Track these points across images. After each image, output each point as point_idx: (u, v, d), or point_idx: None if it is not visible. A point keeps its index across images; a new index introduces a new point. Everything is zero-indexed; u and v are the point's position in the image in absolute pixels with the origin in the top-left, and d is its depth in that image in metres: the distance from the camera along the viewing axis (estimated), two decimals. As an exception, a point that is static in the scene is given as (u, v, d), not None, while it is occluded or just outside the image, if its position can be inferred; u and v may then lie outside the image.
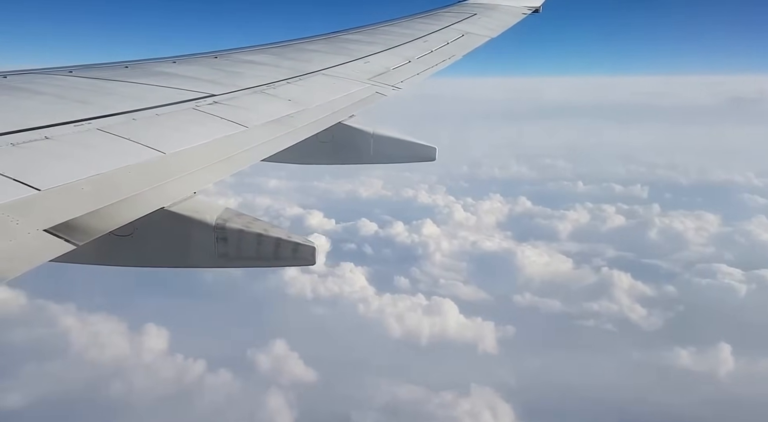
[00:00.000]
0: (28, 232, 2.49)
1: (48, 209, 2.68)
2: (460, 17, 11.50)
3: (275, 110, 5.20)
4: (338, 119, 5.72)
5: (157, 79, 5.41)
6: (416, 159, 6.56)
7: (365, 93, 6.56)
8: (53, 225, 2.58)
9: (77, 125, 3.71)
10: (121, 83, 5.08)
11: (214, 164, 3.83)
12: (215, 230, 3.55)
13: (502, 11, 12.56)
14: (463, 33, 10.37)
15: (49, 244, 2.50)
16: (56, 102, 4.18)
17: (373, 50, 8.45)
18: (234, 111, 4.83)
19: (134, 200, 3.09)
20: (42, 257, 2.44)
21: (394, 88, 7.05)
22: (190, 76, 5.72)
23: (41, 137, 3.40)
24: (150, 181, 3.30)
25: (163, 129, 4.08)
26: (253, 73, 6.28)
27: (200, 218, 3.52)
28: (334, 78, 6.84)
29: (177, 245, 3.63)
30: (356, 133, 6.12)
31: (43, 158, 3.16)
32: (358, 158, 6.34)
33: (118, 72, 5.53)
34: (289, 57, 7.45)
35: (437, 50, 9.09)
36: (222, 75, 5.98)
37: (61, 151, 3.31)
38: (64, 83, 4.78)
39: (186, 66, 6.18)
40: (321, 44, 8.71)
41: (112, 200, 2.96)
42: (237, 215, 3.66)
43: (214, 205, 3.68)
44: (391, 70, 7.70)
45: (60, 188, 2.88)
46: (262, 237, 3.60)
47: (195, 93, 5.06)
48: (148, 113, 4.31)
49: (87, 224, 2.71)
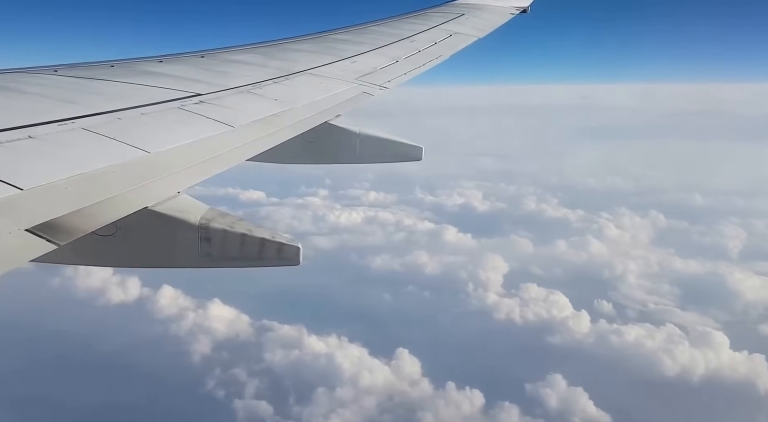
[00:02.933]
0: (9, 232, 2.49)
1: (30, 209, 2.68)
2: (448, 17, 11.53)
3: (261, 109, 5.20)
4: (324, 119, 5.73)
5: (143, 78, 5.39)
6: (402, 159, 6.59)
7: (352, 93, 6.57)
8: (35, 225, 2.58)
9: (61, 124, 3.70)
10: (107, 82, 5.07)
11: (199, 163, 3.83)
12: (199, 230, 3.55)
13: (490, 11, 12.60)
14: (450, 33, 10.40)
15: (31, 244, 2.50)
16: (40, 101, 4.16)
17: (360, 50, 8.46)
18: (220, 111, 4.83)
19: (117, 199, 3.08)
20: (24, 257, 2.44)
21: (381, 88, 7.06)
22: (176, 75, 5.71)
23: (24, 136, 3.39)
24: (134, 181, 3.30)
25: (149, 129, 4.08)
26: (240, 73, 6.28)
27: (183, 217, 3.52)
28: (321, 78, 6.85)
29: (160, 245, 3.63)
30: (342, 133, 6.13)
31: (26, 158, 3.15)
32: (344, 158, 6.35)
33: (104, 71, 5.51)
34: (275, 57, 7.44)
35: (425, 50, 9.11)
36: (208, 74, 5.97)
37: (45, 150, 3.30)
38: (49, 82, 4.76)
39: (172, 65, 6.17)
40: (308, 44, 8.70)
41: (95, 200, 2.95)
42: (221, 215, 3.66)
43: (198, 205, 3.67)
44: (378, 70, 7.71)
45: (42, 187, 2.87)
46: (246, 237, 3.61)
47: (181, 92, 5.05)
48: (134, 112, 4.30)
49: (69, 223, 2.71)
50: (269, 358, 55.49)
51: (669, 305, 66.18)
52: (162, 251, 3.67)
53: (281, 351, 56.17)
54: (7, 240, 2.45)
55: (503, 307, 64.84)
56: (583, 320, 61.57)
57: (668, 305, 66.40)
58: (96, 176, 3.18)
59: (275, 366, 54.34)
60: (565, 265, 76.40)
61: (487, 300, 66.74)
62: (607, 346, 57.29)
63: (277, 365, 54.57)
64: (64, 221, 2.70)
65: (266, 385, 51.41)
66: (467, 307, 65.99)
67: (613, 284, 70.97)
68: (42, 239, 2.53)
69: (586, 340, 58.93)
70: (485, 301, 66.65)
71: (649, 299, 67.96)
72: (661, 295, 68.71)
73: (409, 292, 69.58)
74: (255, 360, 55.19)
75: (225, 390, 51.09)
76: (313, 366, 53.82)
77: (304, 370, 53.33)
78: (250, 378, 52.41)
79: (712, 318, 62.87)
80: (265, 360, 55.18)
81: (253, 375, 52.79)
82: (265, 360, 55.18)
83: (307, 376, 52.23)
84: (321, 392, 49.90)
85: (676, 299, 67.70)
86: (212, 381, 52.03)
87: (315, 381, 51.11)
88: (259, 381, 51.87)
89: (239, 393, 50.55)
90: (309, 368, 53.59)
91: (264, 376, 52.69)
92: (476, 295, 68.14)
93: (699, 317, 63.19)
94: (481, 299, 67.23)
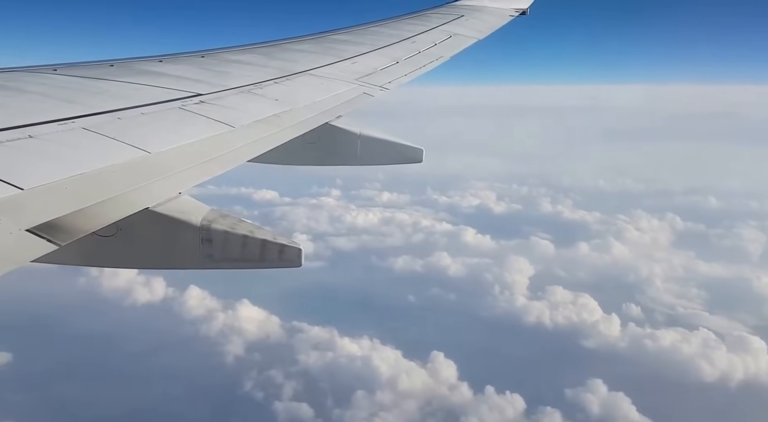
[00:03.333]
0: (10, 232, 2.47)
1: (31, 209, 2.66)
2: (448, 18, 11.53)
3: (262, 109, 5.19)
4: (325, 120, 5.71)
5: (144, 78, 5.38)
6: (403, 161, 6.57)
7: (352, 93, 6.56)
8: (36, 225, 2.56)
9: (62, 123, 3.69)
10: (107, 82, 5.05)
11: (200, 163, 3.81)
12: (200, 231, 3.54)
13: (489, 13, 12.61)
14: (450, 34, 10.39)
15: (32, 244, 2.49)
16: (41, 100, 4.15)
17: (360, 51, 8.45)
18: (220, 111, 4.81)
19: (118, 200, 3.07)
20: (24, 258, 2.42)
21: (381, 88, 7.05)
22: (176, 75, 5.69)
23: (25, 135, 3.37)
24: (135, 181, 3.28)
25: (149, 128, 4.06)
26: (241, 73, 6.26)
27: (185, 218, 3.50)
28: (322, 78, 6.83)
29: (161, 246, 3.61)
30: (343, 134, 6.11)
31: (26, 157, 3.14)
32: (344, 159, 6.33)
33: (104, 71, 5.49)
34: (276, 57, 7.43)
35: (425, 51, 9.11)
36: (209, 74, 5.96)
37: (45, 150, 3.28)
38: (49, 82, 4.74)
39: (173, 65, 6.15)
40: (309, 44, 8.69)
41: (95, 200, 2.94)
42: (222, 216, 3.65)
43: (200, 206, 3.66)
44: (379, 70, 7.70)
45: (43, 187, 2.85)
46: (247, 239, 3.59)
47: (181, 92, 5.03)
48: (134, 112, 4.28)
49: (70, 224, 2.69)
50: (303, 360, 55.56)
51: (697, 309, 65.91)
52: (163, 252, 3.66)
53: (315, 353, 56.23)
54: (7, 240, 2.44)
55: (533, 310, 64.64)
56: (613, 323, 61.30)
57: (696, 309, 66.17)
58: (96, 176, 3.16)
59: (310, 368, 54.31)
60: (590, 268, 76.25)
61: (515, 303, 66.47)
62: (643, 350, 57.06)
63: (313, 367, 54.55)
64: (65, 222, 2.68)
65: (303, 387, 51.38)
66: (496, 310, 65.81)
67: (640, 287, 70.72)
68: (43, 240, 2.51)
69: (619, 344, 58.72)
70: (514, 304, 66.40)
71: (677, 302, 67.69)
72: (689, 299, 68.49)
73: (435, 294, 69.44)
74: (289, 361, 55.21)
75: (263, 391, 51.14)
76: (348, 368, 53.72)
77: (340, 372, 53.23)
78: (287, 380, 52.38)
79: (740, 322, 62.65)
80: (299, 362, 55.25)
81: (290, 377, 52.74)
82: (299, 362, 55.25)
83: (343, 379, 52.11)
84: (360, 395, 49.78)
85: (704, 302, 67.43)
86: (249, 383, 52.05)
87: (352, 384, 50.99)
88: (296, 383, 51.84)
89: (277, 394, 50.56)
90: (345, 370, 53.52)
91: (300, 378, 52.68)
92: (504, 298, 67.92)
93: (728, 321, 62.79)
94: (510, 301, 66.96)
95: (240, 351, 57.23)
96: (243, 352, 57.01)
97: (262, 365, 54.42)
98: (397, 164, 6.68)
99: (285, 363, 54.90)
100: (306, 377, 53.02)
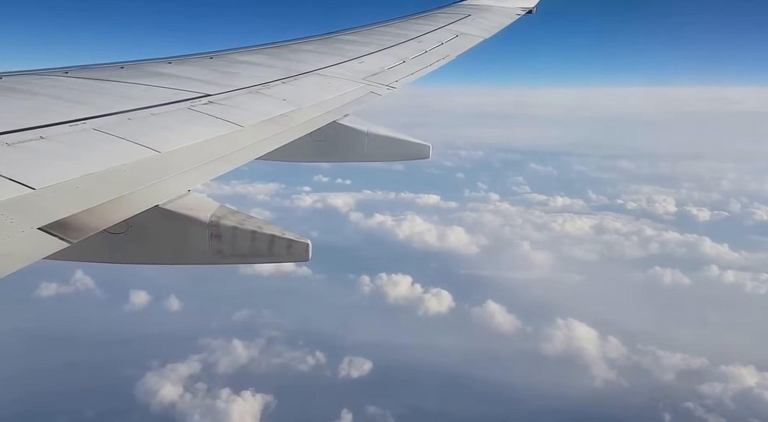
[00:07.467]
0: (22, 230, 2.52)
1: (42, 208, 2.71)
2: (454, 18, 11.54)
3: (270, 109, 5.23)
4: (332, 119, 5.75)
5: (153, 79, 5.43)
6: (410, 157, 6.57)
7: (360, 93, 6.59)
8: (47, 223, 2.61)
9: (72, 124, 3.74)
10: (117, 84, 5.11)
11: (209, 162, 3.86)
12: (209, 227, 3.58)
13: (496, 12, 12.60)
14: (457, 34, 10.40)
15: (44, 242, 2.53)
16: (52, 102, 4.20)
17: (367, 50, 8.48)
18: (229, 111, 4.85)
19: (128, 198, 3.11)
20: (36, 255, 2.46)
21: (388, 87, 7.07)
22: (185, 76, 5.75)
23: (36, 136, 3.42)
24: (144, 179, 3.32)
25: (159, 129, 4.11)
26: (248, 74, 6.31)
27: (194, 215, 3.54)
28: (329, 78, 6.87)
29: (171, 243, 3.65)
30: (350, 131, 6.14)
31: (38, 158, 3.19)
32: (352, 157, 6.35)
33: (114, 72, 5.55)
34: (283, 57, 7.47)
35: (431, 50, 9.12)
36: (217, 75, 6.01)
37: (56, 150, 3.33)
38: (60, 84, 4.80)
39: (181, 66, 6.21)
40: (316, 45, 8.73)
41: (106, 199, 2.98)
42: (231, 213, 3.69)
43: (209, 202, 3.70)
44: (386, 70, 7.73)
45: (55, 186, 2.90)
46: (256, 234, 3.63)
47: (190, 93, 5.08)
48: (144, 112, 4.33)
49: (81, 222, 2.74)
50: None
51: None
52: (173, 249, 3.70)
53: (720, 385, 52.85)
54: (20, 238, 2.49)
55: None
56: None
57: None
58: (107, 176, 3.21)
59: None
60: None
61: None
62: None
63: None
64: (76, 220, 2.73)
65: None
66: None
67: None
68: (54, 237, 2.56)
69: None
70: None
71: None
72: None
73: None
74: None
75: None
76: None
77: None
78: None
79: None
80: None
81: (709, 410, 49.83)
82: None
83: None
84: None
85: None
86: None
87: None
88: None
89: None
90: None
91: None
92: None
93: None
94: None
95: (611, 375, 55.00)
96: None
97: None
98: (404, 161, 6.69)
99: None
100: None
